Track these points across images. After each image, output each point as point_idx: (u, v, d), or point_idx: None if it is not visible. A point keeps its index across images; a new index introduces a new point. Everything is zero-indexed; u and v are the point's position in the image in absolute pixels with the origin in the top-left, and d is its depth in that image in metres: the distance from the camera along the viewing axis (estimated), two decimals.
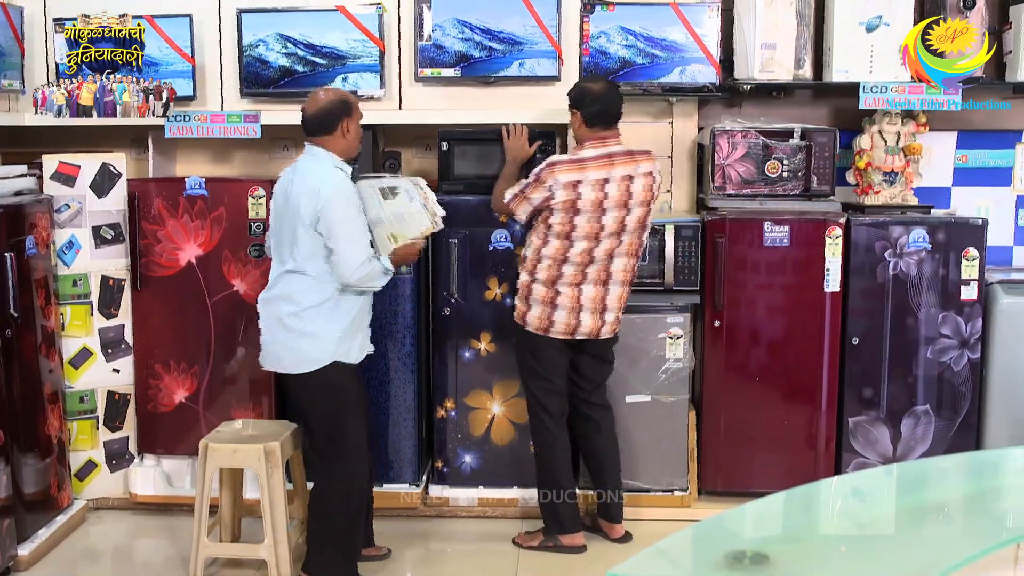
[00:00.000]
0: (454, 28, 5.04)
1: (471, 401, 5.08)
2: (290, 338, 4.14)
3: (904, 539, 2.61)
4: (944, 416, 5.01)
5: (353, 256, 4.03)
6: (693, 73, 5.13)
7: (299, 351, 4.14)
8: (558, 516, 4.72)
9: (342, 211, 4.02)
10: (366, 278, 4.08)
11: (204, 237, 5.00)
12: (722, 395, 5.06)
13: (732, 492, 5.05)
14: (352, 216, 4.05)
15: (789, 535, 2.61)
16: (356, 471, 4.22)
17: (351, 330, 4.18)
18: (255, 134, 5.06)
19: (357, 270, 4.04)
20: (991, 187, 5.52)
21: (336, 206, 4.00)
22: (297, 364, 4.15)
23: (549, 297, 4.52)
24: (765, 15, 5.03)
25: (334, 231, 4.01)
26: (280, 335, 4.16)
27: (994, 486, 2.96)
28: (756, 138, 5.02)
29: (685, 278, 4.99)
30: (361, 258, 4.04)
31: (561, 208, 4.42)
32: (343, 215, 4.02)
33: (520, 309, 4.61)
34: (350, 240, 4.03)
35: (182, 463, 5.19)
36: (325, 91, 4.23)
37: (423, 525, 5.07)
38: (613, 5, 5.14)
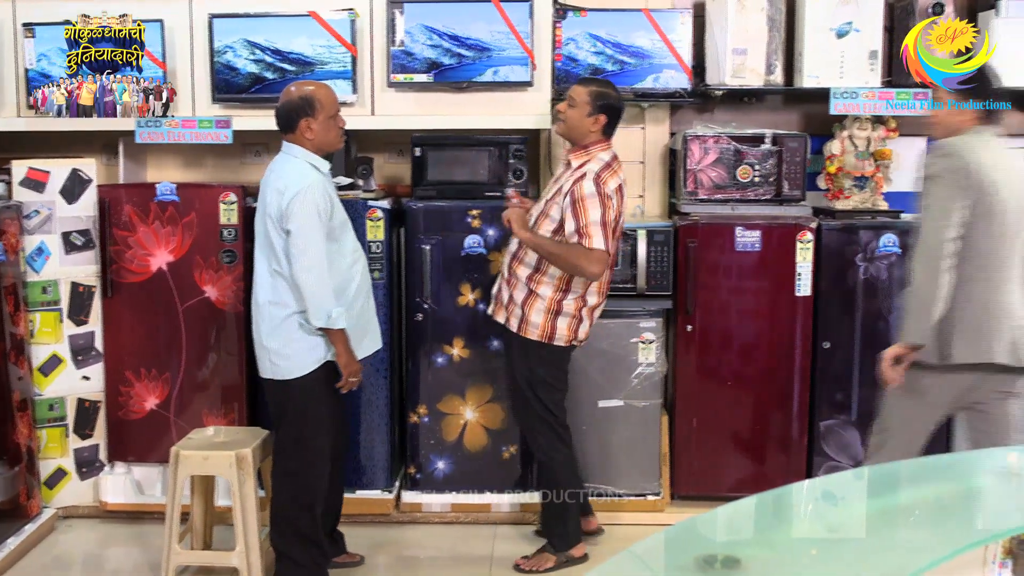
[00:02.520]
0: (423, 35, 5.04)
1: (444, 407, 5.07)
2: (279, 344, 4.14)
3: (875, 542, 2.62)
4: None
5: (307, 283, 4.02)
6: (665, 79, 5.15)
7: (286, 357, 4.14)
8: (571, 530, 4.65)
9: (301, 221, 3.99)
10: (314, 311, 4.04)
11: (175, 243, 4.97)
12: (694, 399, 5.08)
13: (705, 496, 5.06)
14: (312, 231, 4.00)
15: (760, 539, 2.61)
16: (315, 475, 4.24)
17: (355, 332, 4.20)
18: (227, 140, 5.04)
19: (309, 301, 4.02)
20: None
21: (297, 214, 3.99)
22: (289, 371, 4.16)
23: (579, 307, 4.45)
24: (736, 21, 5.05)
25: (291, 242, 4.02)
26: (268, 341, 4.16)
27: (963, 488, 2.97)
28: (728, 143, 5.04)
29: (657, 283, 5.00)
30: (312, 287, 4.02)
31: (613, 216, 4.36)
32: (302, 224, 3.99)
33: (542, 326, 4.42)
34: (305, 268, 4.01)
35: (153, 471, 5.16)
36: (295, 86, 4.22)
37: (396, 531, 5.06)
38: (585, 11, 5.15)
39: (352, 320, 4.18)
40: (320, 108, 4.14)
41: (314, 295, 4.01)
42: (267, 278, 4.14)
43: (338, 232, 4.16)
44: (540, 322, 4.43)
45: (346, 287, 4.18)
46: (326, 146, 4.21)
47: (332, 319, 4.03)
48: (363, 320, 4.29)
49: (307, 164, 4.12)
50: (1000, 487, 2.85)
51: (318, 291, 4.01)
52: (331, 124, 4.19)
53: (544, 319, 4.43)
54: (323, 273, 4.03)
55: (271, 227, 4.07)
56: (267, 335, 4.15)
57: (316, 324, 4.04)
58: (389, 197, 5.12)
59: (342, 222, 4.20)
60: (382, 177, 5.49)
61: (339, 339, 4.10)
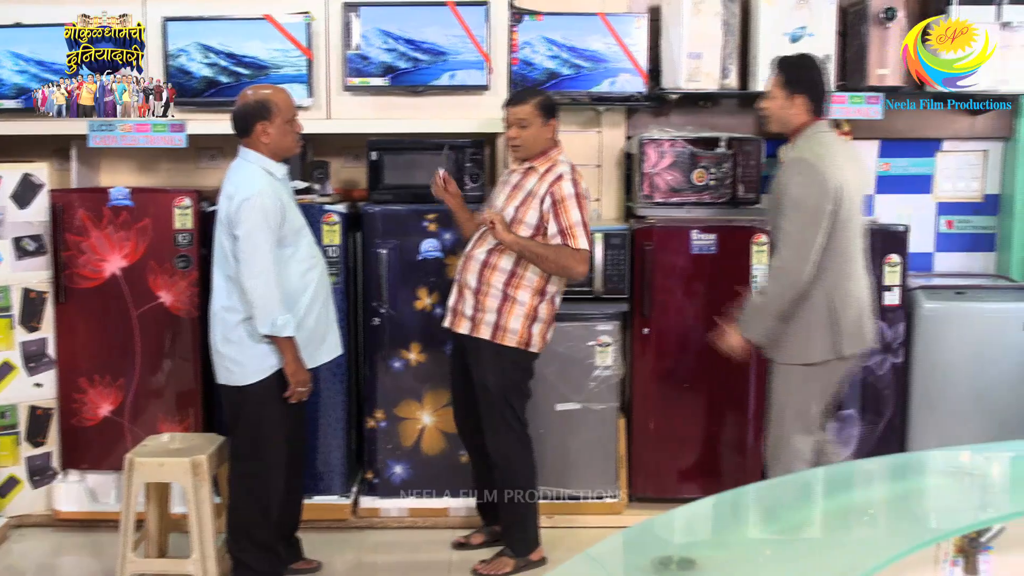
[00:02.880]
0: (378, 38, 5.03)
1: (401, 411, 5.06)
2: (233, 350, 4.12)
3: (830, 541, 2.65)
4: (869, 420, 5.09)
5: (253, 289, 4.00)
6: (621, 83, 5.18)
7: (240, 363, 4.11)
8: (531, 535, 4.64)
9: (248, 226, 3.97)
10: (259, 317, 4.02)
11: (129, 248, 4.92)
12: (651, 402, 5.10)
13: (662, 498, 5.07)
14: (259, 237, 3.98)
15: (717, 540, 2.63)
16: (271, 482, 4.22)
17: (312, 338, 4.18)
18: (181, 144, 5.00)
19: (255, 307, 4.01)
20: (912, 194, 5.64)
21: (245, 220, 3.97)
22: (243, 376, 4.13)
23: (550, 312, 4.48)
24: (692, 25, 5.08)
25: (238, 248, 4.00)
26: (223, 347, 4.14)
27: (917, 487, 3.01)
28: (683, 147, 5.07)
29: (614, 286, 5.02)
30: (258, 293, 4.00)
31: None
32: (249, 230, 3.98)
33: (520, 332, 4.41)
34: (251, 274, 3.99)
35: (107, 478, 5.10)
36: (252, 90, 4.21)
37: (354, 537, 5.03)
38: (541, 15, 5.17)
39: (308, 328, 4.17)
40: (276, 112, 4.13)
41: (260, 302, 4.00)
42: (222, 283, 4.13)
43: (291, 238, 4.13)
44: (519, 328, 4.42)
45: (300, 295, 4.16)
46: (283, 150, 4.19)
47: (278, 327, 4.01)
48: (320, 327, 4.27)
49: (260, 169, 4.10)
50: (952, 486, 2.89)
51: (264, 298, 3.99)
52: (288, 128, 4.18)
53: (523, 325, 4.42)
54: (270, 280, 4.01)
55: (222, 232, 4.06)
56: (221, 341, 4.14)
57: (261, 331, 4.02)
58: (345, 201, 5.10)
59: (296, 229, 4.18)
60: (338, 181, 5.47)
61: (286, 347, 4.07)
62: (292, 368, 4.10)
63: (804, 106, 4.17)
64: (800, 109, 4.17)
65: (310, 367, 4.20)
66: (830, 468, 3.92)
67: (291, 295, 4.11)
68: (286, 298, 4.08)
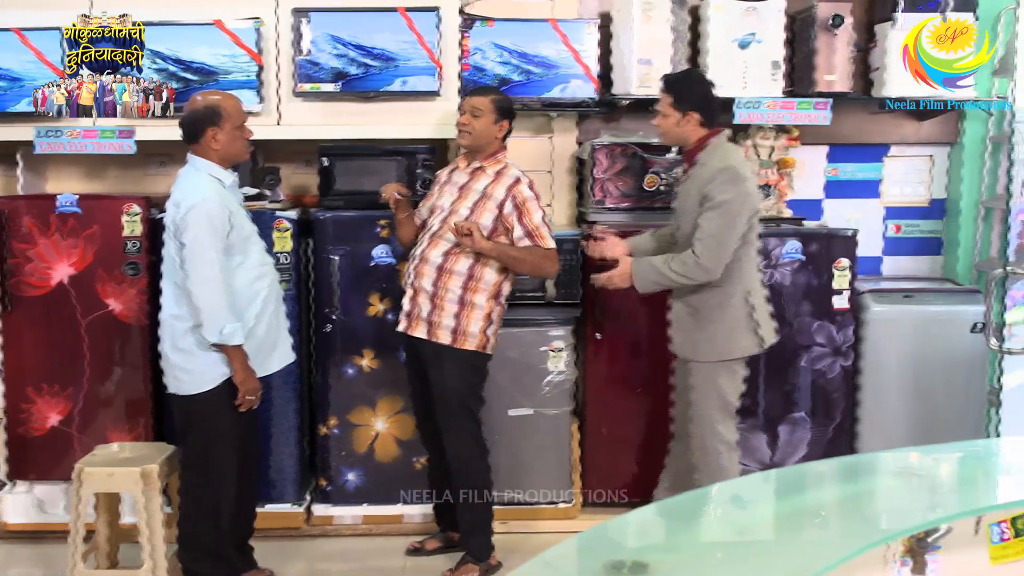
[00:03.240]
0: (328, 44, 5.01)
1: (354, 418, 5.04)
2: (182, 358, 4.08)
3: (781, 543, 2.67)
4: (819, 422, 5.14)
5: (200, 297, 3.97)
6: (573, 89, 5.19)
7: (189, 372, 4.08)
8: (490, 539, 4.65)
9: (194, 234, 3.95)
10: (207, 325, 3.99)
11: (77, 256, 4.87)
12: (604, 407, 5.12)
13: (616, 502, 5.10)
14: (205, 244, 3.95)
15: (669, 543, 2.64)
16: (221, 491, 4.19)
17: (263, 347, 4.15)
18: (130, 150, 4.96)
19: (203, 315, 3.97)
20: (860, 199, 5.70)
21: (190, 227, 3.95)
22: (192, 385, 4.10)
23: (501, 315, 4.53)
24: (642, 31, 5.11)
25: (185, 256, 3.97)
26: (172, 355, 4.10)
27: (867, 488, 3.04)
28: (634, 152, 5.09)
29: (567, 291, 5.03)
30: (206, 301, 3.97)
31: None
32: (195, 237, 3.95)
33: (480, 336, 4.44)
34: (199, 282, 3.97)
35: (56, 489, 5.03)
36: (201, 96, 4.18)
37: (307, 545, 5.01)
38: (492, 21, 5.17)
39: (258, 336, 4.14)
40: (226, 118, 4.10)
41: (207, 310, 3.97)
42: (171, 291, 4.10)
43: (240, 246, 4.09)
44: (478, 332, 4.43)
45: (249, 303, 4.12)
46: (232, 157, 4.17)
47: (226, 335, 3.98)
48: (271, 336, 4.24)
49: (208, 176, 4.07)
50: (901, 487, 2.92)
51: (212, 306, 3.96)
52: (237, 135, 4.15)
53: (481, 328, 4.43)
54: (217, 287, 3.98)
55: (170, 239, 4.03)
56: (170, 349, 4.11)
57: (209, 339, 3.99)
58: (296, 207, 5.08)
59: (245, 236, 4.14)
60: (289, 187, 5.44)
61: (235, 356, 4.04)
62: (241, 376, 4.08)
63: (697, 121, 4.33)
64: (694, 125, 4.33)
65: (261, 376, 4.17)
66: (782, 471, 3.96)
67: (240, 303, 4.08)
68: (235, 306, 4.05)
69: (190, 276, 3.97)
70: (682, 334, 4.41)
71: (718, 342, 4.34)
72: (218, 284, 3.98)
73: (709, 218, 4.21)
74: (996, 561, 2.74)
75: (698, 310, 4.35)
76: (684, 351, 4.42)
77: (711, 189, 4.22)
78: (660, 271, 4.29)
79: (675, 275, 4.27)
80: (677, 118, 4.33)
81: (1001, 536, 2.74)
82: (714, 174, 4.24)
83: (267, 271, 4.24)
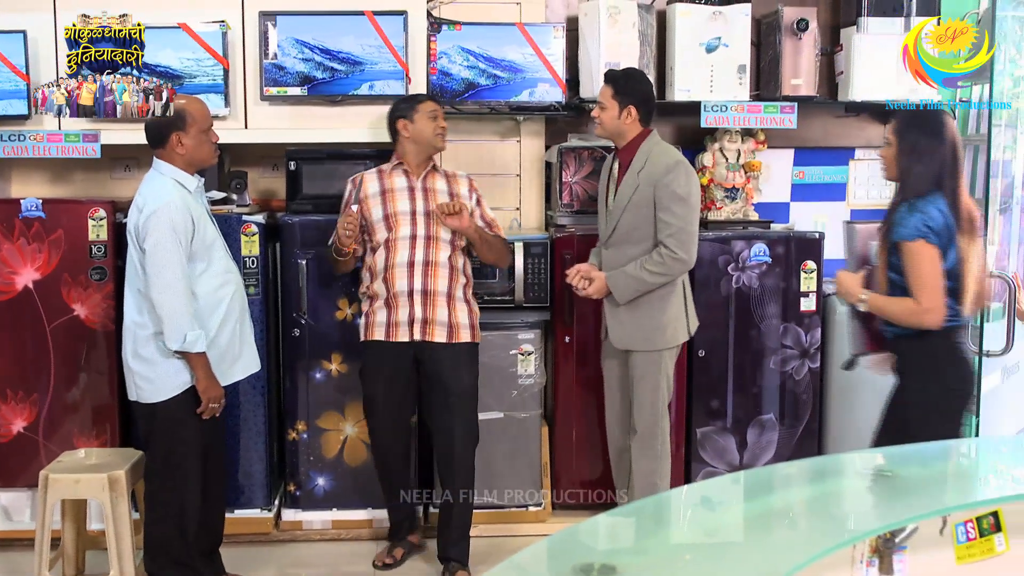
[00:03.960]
0: (294, 48, 4.99)
1: (323, 423, 5.02)
2: (143, 366, 4.05)
3: (750, 544, 2.68)
4: (787, 424, 5.17)
5: (161, 304, 3.93)
6: (541, 92, 5.20)
7: (150, 380, 4.05)
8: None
9: (155, 240, 3.91)
10: (169, 332, 3.95)
11: (42, 261, 4.83)
12: (574, 410, 5.13)
13: (586, 505, 5.10)
14: (167, 250, 3.92)
15: (639, 546, 2.64)
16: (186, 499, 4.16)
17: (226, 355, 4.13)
18: (95, 154, 4.92)
19: (164, 321, 3.94)
20: (827, 202, 5.74)
21: (152, 232, 3.92)
22: (154, 393, 4.07)
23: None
24: (609, 35, 5.12)
25: (147, 261, 3.95)
26: (134, 363, 4.07)
27: (835, 489, 3.06)
28: (602, 156, 5.10)
29: (535, 295, 5.04)
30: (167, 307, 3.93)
31: None
32: (156, 243, 3.92)
33: (476, 329, 4.64)
34: (160, 288, 3.93)
35: (21, 495, 4.98)
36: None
37: (277, 550, 4.99)
38: (460, 24, 5.17)
39: (221, 345, 4.11)
40: (192, 122, 4.08)
41: (170, 316, 3.93)
42: (133, 297, 4.06)
43: (203, 253, 4.06)
44: (474, 325, 4.63)
45: (212, 311, 4.09)
46: (198, 161, 4.14)
47: (188, 342, 3.95)
48: (234, 345, 4.21)
49: (172, 181, 4.04)
50: (868, 487, 2.94)
51: (174, 312, 3.93)
52: (203, 139, 4.12)
53: (474, 320, 4.63)
54: (179, 294, 3.94)
55: (132, 244, 4.01)
56: (132, 356, 4.07)
57: (172, 347, 3.96)
58: (264, 212, 5.06)
59: (209, 243, 4.10)
60: (256, 191, 5.42)
61: (198, 363, 4.01)
62: (204, 385, 4.04)
63: (636, 116, 4.44)
64: (633, 119, 4.45)
65: (224, 384, 4.14)
66: (751, 472, 3.98)
67: (203, 311, 4.05)
68: (197, 314, 4.02)
69: (152, 282, 3.94)
70: (624, 327, 4.53)
71: (667, 331, 4.49)
72: (180, 290, 3.95)
73: (675, 212, 4.34)
74: (962, 560, 2.76)
75: (640, 302, 4.46)
76: (632, 342, 4.53)
77: (670, 182, 4.33)
78: (636, 277, 4.40)
79: (652, 276, 4.38)
80: (618, 111, 4.43)
81: (967, 536, 2.76)
82: (669, 168, 4.36)
83: (231, 279, 4.21)
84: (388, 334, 4.52)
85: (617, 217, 4.47)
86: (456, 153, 5.42)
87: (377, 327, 4.53)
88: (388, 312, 4.50)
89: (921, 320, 3.62)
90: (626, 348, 4.56)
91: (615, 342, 4.58)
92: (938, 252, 3.61)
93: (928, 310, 3.60)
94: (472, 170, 5.39)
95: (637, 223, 4.41)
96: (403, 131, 4.58)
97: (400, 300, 4.49)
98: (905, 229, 3.61)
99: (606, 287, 4.47)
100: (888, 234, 3.69)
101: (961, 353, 3.77)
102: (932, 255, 3.60)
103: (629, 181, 4.43)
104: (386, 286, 4.49)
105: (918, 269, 3.60)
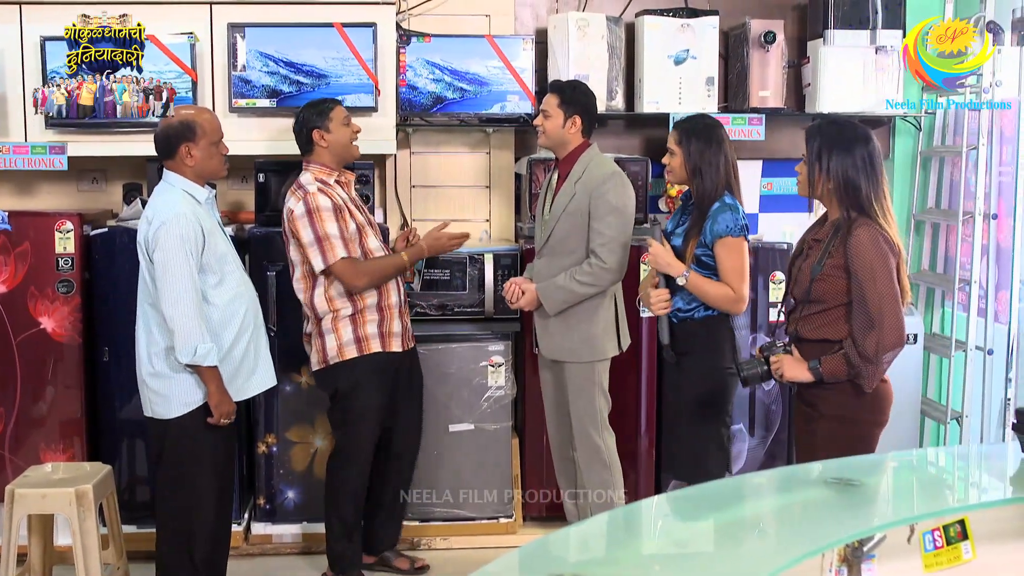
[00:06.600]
0: (258, 61, 4.98)
1: (293, 435, 5.00)
2: (157, 382, 4.02)
3: (720, 554, 2.69)
4: (757, 434, 5.19)
5: (171, 317, 3.89)
6: (511, 105, 5.21)
7: (163, 396, 4.01)
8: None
9: (165, 252, 3.87)
10: (180, 346, 3.91)
11: (8, 273, 4.79)
12: (544, 421, 5.10)
13: (557, 517, 5.09)
14: (177, 263, 3.88)
15: (609, 556, 2.65)
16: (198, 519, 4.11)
17: (241, 370, 4.10)
18: (62, 166, 4.89)
19: (175, 335, 3.90)
20: (795, 213, 5.76)
21: (161, 244, 3.87)
22: (166, 409, 4.03)
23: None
24: (577, 48, 5.15)
25: (156, 273, 3.91)
26: (148, 379, 4.04)
27: (804, 499, 3.07)
28: None
29: (505, 307, 5.01)
30: (177, 320, 3.88)
31: None
32: (166, 255, 3.87)
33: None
34: (170, 301, 3.89)
35: None
36: (175, 112, 4.14)
37: (246, 564, 4.96)
38: (429, 36, 5.18)
39: (235, 360, 4.07)
40: (202, 133, 4.03)
41: (179, 329, 3.88)
42: (144, 312, 4.03)
43: (215, 266, 4.01)
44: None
45: (226, 325, 4.04)
46: (208, 173, 4.10)
47: (199, 355, 3.90)
48: (250, 358, 4.15)
49: (182, 193, 4.01)
50: (836, 497, 2.95)
51: (184, 325, 3.88)
52: (213, 151, 4.08)
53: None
54: (189, 306, 3.89)
55: (142, 258, 3.96)
56: (146, 372, 4.03)
57: (182, 360, 3.90)
58: (233, 224, 5.04)
59: (220, 256, 4.05)
60: (225, 204, 5.40)
61: (209, 377, 3.96)
62: (216, 399, 3.98)
63: (579, 127, 4.46)
64: (576, 130, 4.46)
65: (237, 400, 4.10)
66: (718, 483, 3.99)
67: (215, 325, 4.00)
68: (211, 327, 3.97)
69: (161, 295, 3.89)
70: (553, 338, 4.51)
71: (596, 343, 4.47)
72: (190, 303, 3.89)
73: (609, 222, 4.35)
74: (929, 568, 2.78)
75: (569, 313, 4.44)
76: (561, 353, 4.51)
77: (606, 192, 4.35)
78: (566, 288, 4.39)
79: (582, 286, 4.37)
80: (563, 120, 4.44)
81: (934, 544, 2.78)
82: (605, 178, 4.38)
83: (245, 292, 4.16)
84: (384, 344, 4.53)
85: (552, 226, 4.47)
86: (425, 165, 5.44)
87: (372, 339, 4.50)
88: (381, 323, 4.51)
89: (732, 306, 4.14)
90: (555, 359, 4.54)
91: (545, 352, 4.57)
92: (748, 247, 4.13)
93: (741, 299, 4.11)
94: (442, 182, 5.43)
95: (571, 231, 4.41)
96: (320, 142, 4.47)
97: (393, 312, 4.54)
98: (722, 226, 4.06)
99: (537, 298, 4.45)
100: (701, 232, 4.10)
101: (735, 337, 4.27)
102: (745, 250, 4.13)
103: (567, 190, 4.44)
104: (379, 297, 4.51)
105: (735, 262, 4.09)
